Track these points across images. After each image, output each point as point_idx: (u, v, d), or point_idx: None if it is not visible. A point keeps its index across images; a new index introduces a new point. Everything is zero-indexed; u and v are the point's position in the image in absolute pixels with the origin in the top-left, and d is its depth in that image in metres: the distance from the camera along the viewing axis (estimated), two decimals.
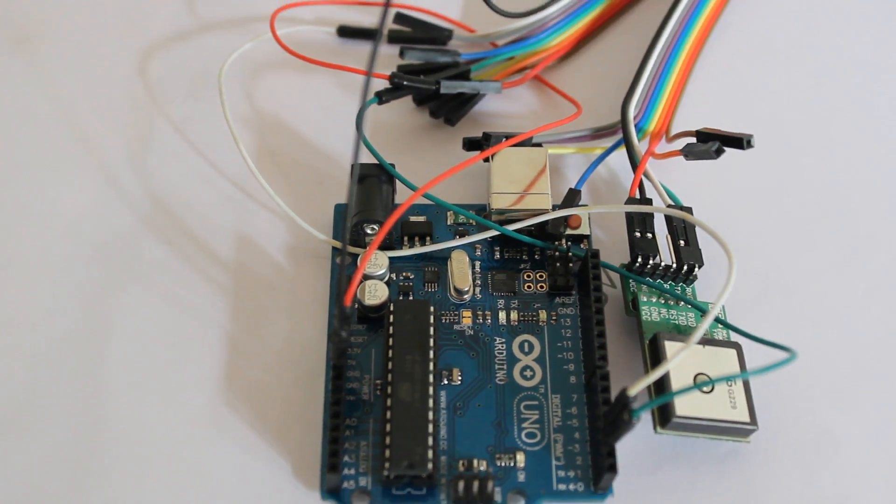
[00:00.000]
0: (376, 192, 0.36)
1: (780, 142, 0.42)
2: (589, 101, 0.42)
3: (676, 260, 0.36)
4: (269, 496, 0.32)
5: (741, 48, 0.46)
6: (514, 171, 0.37)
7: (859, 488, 0.33)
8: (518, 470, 0.32)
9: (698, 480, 0.33)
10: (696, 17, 0.44)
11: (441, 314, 0.35)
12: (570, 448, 0.33)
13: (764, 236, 0.39)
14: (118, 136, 0.41)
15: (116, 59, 0.44)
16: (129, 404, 0.34)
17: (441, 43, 0.44)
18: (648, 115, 0.40)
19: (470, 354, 0.35)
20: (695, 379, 0.33)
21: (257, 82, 0.43)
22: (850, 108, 0.43)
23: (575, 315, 0.35)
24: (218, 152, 0.41)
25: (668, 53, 0.43)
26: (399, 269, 0.36)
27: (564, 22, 0.44)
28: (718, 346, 0.34)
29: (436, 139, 0.42)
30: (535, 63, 0.43)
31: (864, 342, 0.36)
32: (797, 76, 0.45)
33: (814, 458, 0.34)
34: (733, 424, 0.32)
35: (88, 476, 0.32)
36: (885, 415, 0.35)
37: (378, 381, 0.34)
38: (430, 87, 0.40)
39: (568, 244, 0.37)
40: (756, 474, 0.33)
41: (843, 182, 0.41)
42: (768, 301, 0.37)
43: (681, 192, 0.38)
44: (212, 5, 0.46)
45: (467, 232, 0.38)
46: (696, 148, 0.37)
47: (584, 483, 0.32)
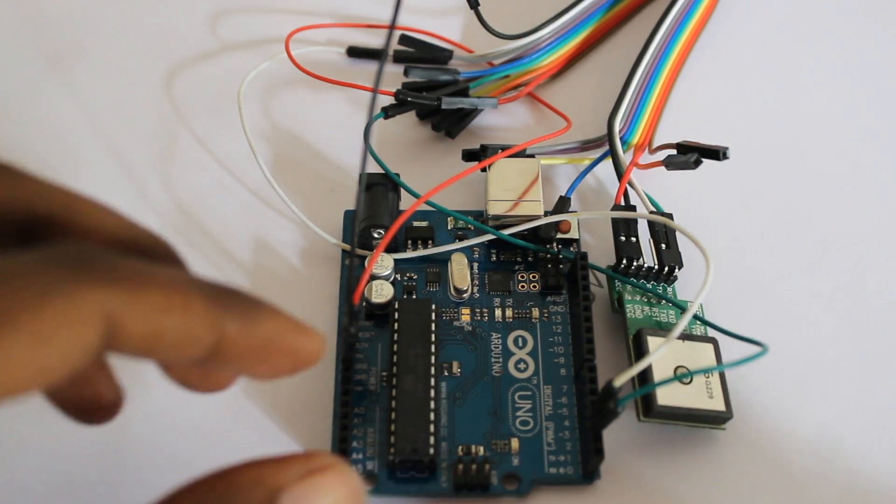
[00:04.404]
0: (382, 199, 0.36)
1: (753, 153, 0.42)
2: (578, 115, 0.42)
3: (658, 262, 0.35)
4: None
5: (717, 69, 0.45)
6: (509, 180, 0.37)
7: (825, 471, 0.33)
8: (512, 455, 0.32)
9: (678, 465, 0.33)
10: (676, 40, 0.44)
11: (442, 312, 0.35)
12: (560, 435, 0.33)
13: (738, 240, 0.39)
14: (146, 148, 0.41)
15: (144, 78, 0.44)
16: (156, 393, 0.34)
17: (442, 62, 0.44)
18: (633, 128, 0.40)
19: (468, 349, 0.35)
20: (675, 371, 0.33)
21: (273, 98, 0.43)
22: (817, 123, 0.43)
23: (565, 312, 0.35)
24: (237, 163, 0.41)
25: (651, 72, 0.43)
26: (403, 270, 0.36)
27: (556, 43, 0.44)
28: (697, 341, 0.34)
29: (437, 151, 0.42)
30: (529, 81, 0.43)
31: (829, 337, 0.36)
32: (768, 94, 0.45)
33: (783, 444, 0.34)
34: (710, 413, 0.32)
35: (115, 462, 0.33)
36: (847, 403, 0.35)
37: (384, 373, 0.34)
38: (432, 102, 0.40)
39: (558, 247, 0.37)
40: (731, 459, 0.33)
41: (810, 190, 0.41)
42: (742, 299, 0.37)
43: (662, 200, 0.38)
44: (232, 28, 0.46)
45: (466, 236, 0.37)
46: (677, 159, 0.37)
47: (573, 467, 0.32)
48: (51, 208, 0.23)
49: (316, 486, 0.23)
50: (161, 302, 0.20)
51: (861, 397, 0.35)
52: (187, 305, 0.21)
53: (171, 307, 0.21)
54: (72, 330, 0.19)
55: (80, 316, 0.19)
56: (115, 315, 0.20)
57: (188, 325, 0.21)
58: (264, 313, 0.23)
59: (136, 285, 0.20)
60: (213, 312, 0.21)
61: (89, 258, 0.20)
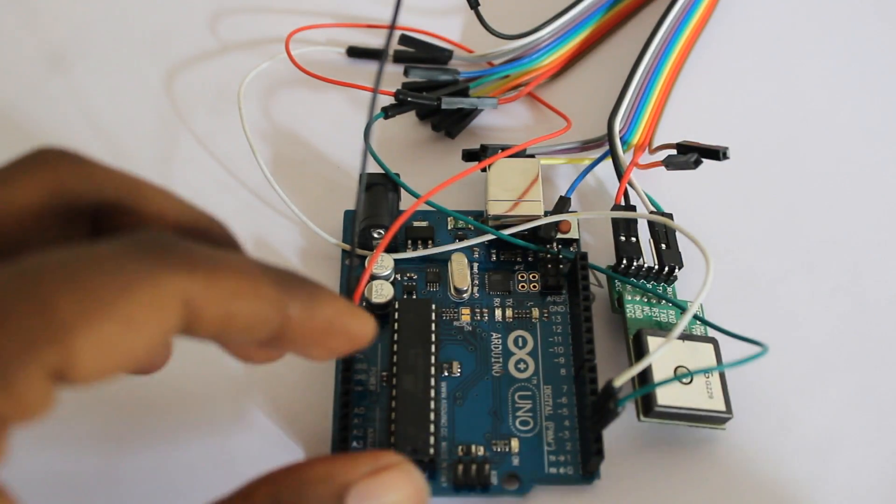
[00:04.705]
0: (383, 199, 0.36)
1: (753, 153, 0.41)
2: (578, 115, 0.42)
3: (658, 262, 0.35)
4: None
5: (717, 69, 0.45)
6: (509, 180, 0.37)
7: (824, 470, 0.33)
8: (512, 455, 0.32)
9: (677, 465, 0.33)
10: (676, 40, 0.44)
11: (442, 311, 0.35)
12: (560, 435, 0.32)
13: (737, 240, 0.39)
14: (147, 147, 0.41)
15: (145, 78, 0.44)
16: (157, 391, 0.33)
17: (442, 62, 0.44)
18: (633, 128, 0.40)
19: (468, 349, 0.34)
20: (675, 371, 0.32)
21: (273, 98, 0.43)
22: (817, 123, 0.43)
23: (565, 312, 0.35)
24: (237, 163, 0.40)
25: (651, 72, 0.43)
26: (403, 270, 0.36)
27: (555, 43, 0.44)
28: (697, 340, 0.34)
29: (437, 151, 0.42)
30: (529, 81, 0.43)
31: (827, 337, 0.36)
32: (768, 93, 0.44)
33: (783, 443, 0.33)
34: (710, 413, 0.32)
35: (116, 460, 0.32)
36: (847, 403, 0.35)
37: (384, 373, 0.34)
38: (432, 102, 0.40)
39: (558, 247, 0.37)
40: (731, 459, 0.33)
41: (810, 190, 0.41)
42: (742, 299, 0.37)
43: (662, 200, 0.38)
44: (232, 28, 0.46)
45: (466, 236, 0.37)
46: (677, 159, 0.37)
47: (573, 467, 0.32)
48: (119, 194, 0.24)
49: (382, 482, 0.24)
50: (234, 287, 0.22)
51: (861, 397, 0.35)
52: (257, 290, 0.22)
53: (243, 292, 0.22)
54: (157, 315, 0.20)
55: (164, 302, 0.20)
56: (193, 300, 0.21)
57: (257, 308, 0.22)
58: (324, 297, 0.24)
59: (212, 271, 0.21)
60: (280, 296, 0.23)
61: (170, 246, 0.21)
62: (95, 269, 0.20)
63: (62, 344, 0.19)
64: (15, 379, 0.19)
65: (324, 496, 0.23)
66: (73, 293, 0.19)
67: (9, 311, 0.19)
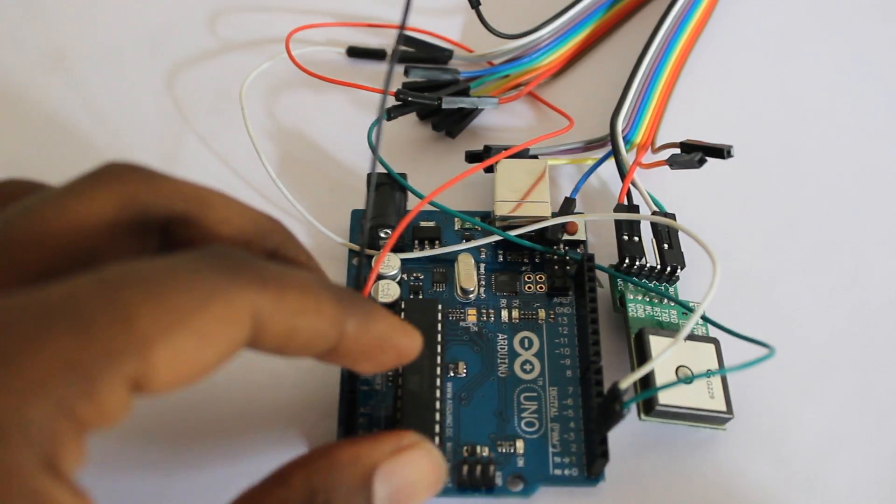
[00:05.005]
0: (389, 199, 0.36)
1: (755, 152, 0.41)
2: (580, 115, 0.42)
3: (661, 262, 0.35)
4: None
5: (720, 67, 0.45)
6: (517, 180, 0.37)
7: (825, 471, 0.33)
8: (517, 456, 0.32)
9: (678, 465, 0.33)
10: (677, 38, 0.44)
11: (448, 312, 0.35)
12: (565, 436, 0.32)
13: (740, 239, 0.39)
14: (149, 147, 0.41)
15: (146, 78, 0.44)
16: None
17: (442, 62, 0.44)
18: (635, 128, 0.40)
19: (474, 349, 0.34)
20: (676, 371, 0.32)
21: (275, 98, 0.43)
22: (818, 122, 0.43)
23: (571, 314, 0.35)
24: (240, 162, 0.40)
25: (653, 71, 0.42)
26: (410, 270, 0.36)
27: (556, 42, 0.44)
28: (698, 341, 0.33)
29: (438, 151, 0.42)
30: (529, 80, 0.43)
31: (828, 337, 0.36)
32: (769, 93, 0.45)
33: (783, 444, 0.33)
34: (711, 413, 0.32)
35: (117, 459, 0.32)
36: (847, 403, 0.35)
37: (390, 372, 0.34)
38: (432, 102, 0.40)
39: (565, 249, 0.37)
40: (731, 459, 0.33)
41: (810, 190, 0.41)
42: (743, 299, 0.37)
43: (664, 199, 0.38)
44: (232, 28, 0.46)
45: (473, 236, 0.37)
46: (681, 158, 0.37)
47: (578, 469, 0.32)
48: (187, 206, 0.25)
49: (405, 461, 0.26)
50: (299, 304, 0.23)
51: (861, 397, 0.35)
52: (319, 307, 0.23)
53: (307, 309, 0.23)
54: (230, 329, 0.21)
55: (236, 317, 0.21)
56: (261, 315, 0.22)
57: (318, 325, 0.23)
58: (378, 315, 0.25)
59: (280, 288, 0.22)
60: (339, 314, 0.24)
61: (242, 262, 0.22)
62: (173, 283, 0.21)
63: (142, 356, 0.20)
64: (99, 386, 0.19)
65: (353, 478, 0.25)
66: (153, 307, 0.20)
67: (93, 320, 0.19)
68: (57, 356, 0.19)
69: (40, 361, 0.19)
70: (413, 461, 0.26)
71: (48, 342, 0.19)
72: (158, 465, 0.32)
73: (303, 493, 0.24)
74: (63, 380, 0.19)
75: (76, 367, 0.19)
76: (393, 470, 0.25)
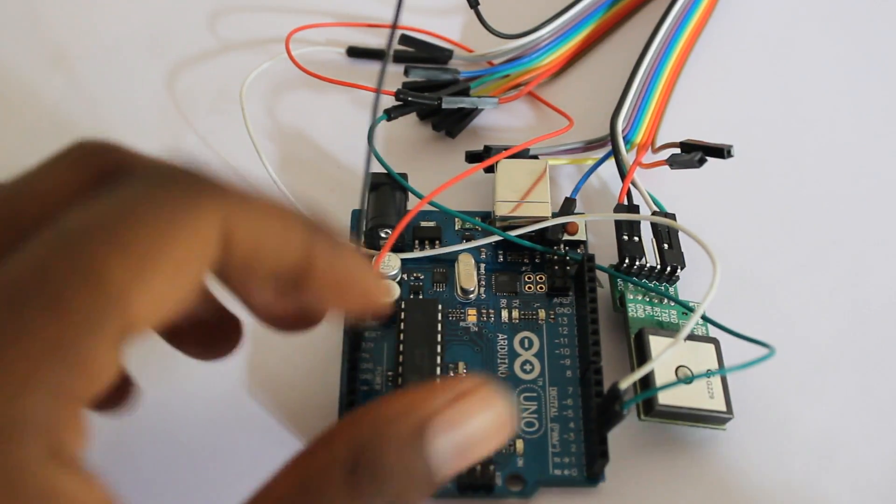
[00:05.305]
0: (389, 198, 0.36)
1: (755, 152, 0.41)
2: (580, 115, 0.42)
3: (661, 262, 0.35)
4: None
5: (720, 67, 0.45)
6: (517, 181, 0.37)
7: (825, 471, 0.33)
8: (517, 456, 0.32)
9: (678, 465, 0.33)
10: (678, 38, 0.44)
11: (448, 312, 0.35)
12: (565, 437, 0.32)
13: (740, 239, 0.39)
14: (149, 147, 0.40)
15: (146, 77, 0.44)
16: (160, 390, 0.33)
17: (442, 62, 0.44)
18: (635, 127, 0.40)
19: (474, 349, 0.34)
20: (676, 371, 0.32)
21: (275, 98, 0.43)
22: (819, 122, 0.43)
23: (571, 314, 0.35)
24: (240, 161, 0.40)
25: (653, 71, 0.42)
26: (410, 270, 0.36)
27: (555, 42, 0.44)
28: (698, 341, 0.33)
29: (438, 151, 0.41)
30: (529, 80, 0.43)
31: (828, 337, 0.36)
32: (771, 92, 0.44)
33: (783, 444, 0.33)
34: (711, 413, 0.32)
35: (117, 455, 0.32)
36: (847, 403, 0.35)
37: (390, 372, 0.33)
38: (432, 102, 0.40)
39: (566, 249, 0.36)
40: (731, 459, 0.33)
41: (810, 190, 0.41)
42: (742, 299, 0.37)
43: (664, 198, 0.38)
44: (232, 28, 0.46)
45: (473, 237, 0.37)
46: (681, 158, 0.37)
47: (577, 469, 0.32)
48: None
49: (462, 409, 0.23)
50: (263, 213, 0.22)
51: (861, 397, 0.35)
52: (285, 221, 0.22)
53: (273, 219, 0.22)
54: (200, 252, 0.20)
55: (204, 235, 0.20)
56: (226, 227, 0.21)
57: (285, 238, 0.22)
58: (347, 247, 0.24)
59: (242, 198, 0.21)
60: (307, 231, 0.23)
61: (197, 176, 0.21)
62: (134, 222, 0.20)
63: (122, 312, 0.19)
64: (88, 358, 0.19)
65: (403, 431, 0.22)
66: (121, 256, 0.19)
67: (65, 289, 0.19)
68: (40, 340, 0.18)
69: (25, 351, 0.18)
70: (472, 409, 0.23)
71: (28, 328, 0.19)
72: (157, 466, 0.32)
73: (347, 453, 0.22)
74: (52, 364, 0.19)
75: (61, 346, 0.19)
76: (451, 420, 0.23)
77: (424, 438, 0.22)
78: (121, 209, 0.20)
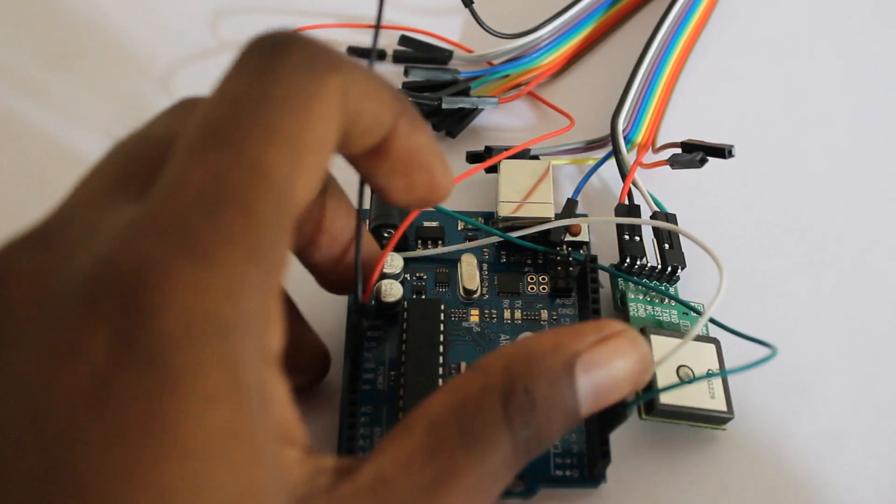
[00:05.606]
0: None
1: (756, 152, 0.41)
2: (580, 115, 0.41)
3: (661, 262, 0.35)
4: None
5: (721, 66, 0.45)
6: (520, 181, 0.36)
7: (825, 471, 0.33)
8: None
9: (679, 465, 0.33)
10: (678, 37, 0.44)
11: (451, 312, 0.35)
12: (567, 437, 0.32)
13: (740, 239, 0.39)
14: None
15: (146, 77, 0.43)
16: None
17: (442, 62, 0.44)
18: (636, 127, 0.40)
19: (477, 350, 0.34)
20: (678, 371, 0.32)
21: None
22: (820, 122, 0.43)
23: (574, 315, 0.35)
24: None
25: (654, 70, 0.42)
26: (413, 270, 0.36)
27: (555, 42, 0.44)
28: (699, 341, 0.33)
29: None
30: (529, 80, 0.43)
31: (828, 338, 0.36)
32: (771, 92, 0.44)
33: (784, 444, 0.33)
34: (712, 413, 0.32)
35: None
36: (848, 403, 0.35)
37: (392, 372, 0.33)
38: (433, 102, 0.40)
39: (568, 250, 0.36)
40: (732, 459, 0.33)
41: (810, 189, 0.41)
42: (742, 298, 0.37)
43: (664, 198, 0.38)
44: (232, 28, 0.46)
45: (477, 237, 0.37)
46: (682, 158, 0.37)
47: (579, 470, 0.31)
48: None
49: (608, 350, 0.25)
50: (365, 86, 0.23)
51: (862, 398, 0.35)
52: (380, 94, 0.23)
53: (371, 92, 0.23)
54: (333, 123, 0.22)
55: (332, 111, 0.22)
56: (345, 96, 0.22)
57: (379, 111, 0.23)
58: (425, 127, 0.25)
59: (351, 70, 0.22)
60: (396, 105, 0.24)
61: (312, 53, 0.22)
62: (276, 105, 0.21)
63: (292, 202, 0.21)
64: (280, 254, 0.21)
65: (554, 366, 0.24)
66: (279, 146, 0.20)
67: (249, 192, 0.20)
68: (240, 244, 0.20)
69: (231, 254, 0.19)
70: (617, 350, 0.25)
71: (230, 232, 0.19)
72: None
73: (503, 380, 0.24)
74: (256, 264, 0.20)
75: (259, 246, 0.20)
76: (595, 359, 0.25)
77: (573, 374, 0.24)
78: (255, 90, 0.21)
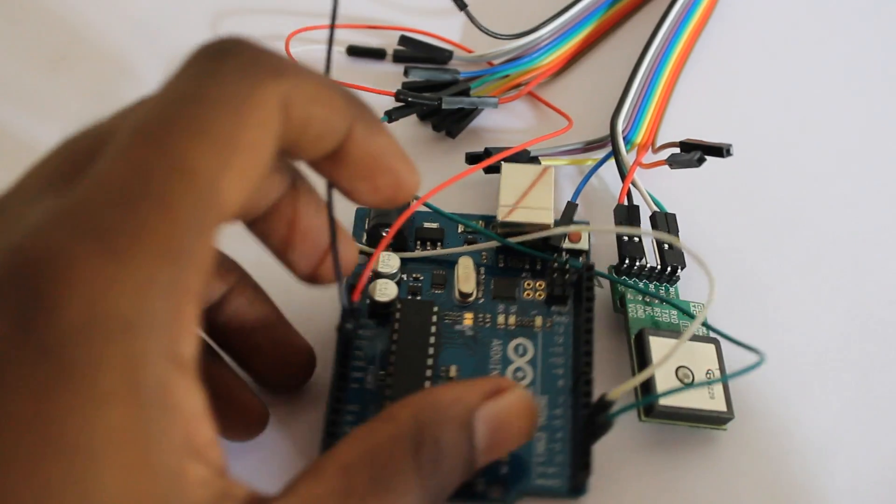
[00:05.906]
0: None
1: (756, 151, 0.41)
2: (580, 115, 0.41)
3: (661, 262, 0.35)
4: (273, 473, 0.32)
5: (720, 67, 0.45)
6: (521, 185, 0.36)
7: (825, 471, 0.33)
8: (501, 463, 0.31)
9: (678, 466, 0.33)
10: (678, 38, 0.44)
11: (445, 315, 0.34)
12: (551, 446, 0.31)
13: (739, 239, 0.39)
14: None
15: (146, 77, 0.43)
16: None
17: (442, 63, 0.44)
18: (636, 128, 0.40)
19: (468, 353, 0.34)
20: (676, 371, 0.32)
21: None
22: (819, 122, 0.43)
23: (569, 323, 0.34)
24: None
25: (653, 71, 0.42)
26: (410, 271, 0.36)
27: (555, 43, 0.44)
28: (698, 341, 0.33)
29: (438, 151, 0.41)
30: (529, 80, 0.43)
31: (827, 339, 0.36)
32: (771, 92, 0.44)
33: (784, 444, 0.33)
34: (711, 414, 0.32)
35: None
36: (848, 403, 0.34)
37: (381, 372, 0.33)
38: (433, 102, 0.40)
39: (566, 256, 0.36)
40: (732, 460, 0.33)
41: (810, 189, 0.40)
42: (742, 298, 0.37)
43: (664, 198, 0.37)
44: (232, 28, 0.46)
45: (476, 240, 0.37)
46: (681, 157, 0.37)
47: (561, 480, 0.31)
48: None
49: (501, 403, 0.27)
50: (314, 90, 0.23)
51: (861, 398, 0.35)
52: (332, 100, 0.23)
53: (321, 97, 0.23)
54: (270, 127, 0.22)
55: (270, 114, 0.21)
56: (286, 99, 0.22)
57: (331, 116, 0.23)
58: (383, 130, 0.26)
59: (296, 75, 0.22)
60: (349, 109, 0.24)
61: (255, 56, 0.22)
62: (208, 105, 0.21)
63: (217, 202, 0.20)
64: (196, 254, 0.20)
65: (457, 417, 0.26)
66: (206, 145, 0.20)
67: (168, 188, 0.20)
68: (153, 241, 0.19)
69: (143, 250, 0.19)
70: (509, 403, 0.27)
71: (144, 227, 0.19)
72: None
73: (412, 429, 0.25)
74: (168, 262, 0.19)
75: (173, 244, 0.19)
76: (491, 411, 0.26)
77: (472, 426, 0.26)
78: (190, 92, 0.21)
